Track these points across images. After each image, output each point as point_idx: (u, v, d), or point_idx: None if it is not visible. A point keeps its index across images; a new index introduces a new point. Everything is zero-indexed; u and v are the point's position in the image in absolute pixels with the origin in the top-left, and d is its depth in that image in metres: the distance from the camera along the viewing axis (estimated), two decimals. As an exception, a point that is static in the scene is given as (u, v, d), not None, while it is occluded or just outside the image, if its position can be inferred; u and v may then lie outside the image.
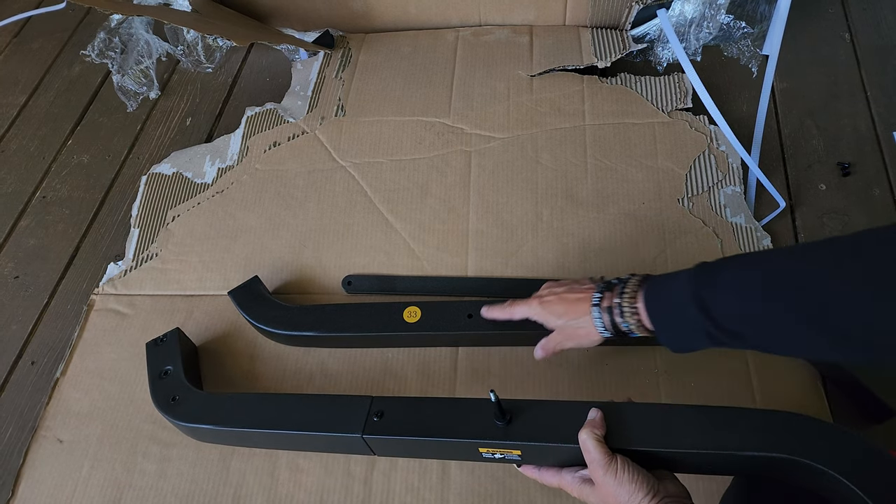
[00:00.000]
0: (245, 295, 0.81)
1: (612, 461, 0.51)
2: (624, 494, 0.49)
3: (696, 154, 0.89)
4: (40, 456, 0.76)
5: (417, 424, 0.60)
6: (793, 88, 0.99)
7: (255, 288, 0.81)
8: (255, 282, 0.82)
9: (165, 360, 0.75)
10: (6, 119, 1.14)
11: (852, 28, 1.05)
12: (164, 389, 0.72)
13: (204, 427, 0.68)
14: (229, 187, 0.96)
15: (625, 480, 0.50)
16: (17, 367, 0.86)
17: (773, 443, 0.49)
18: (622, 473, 0.50)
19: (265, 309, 0.79)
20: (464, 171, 0.92)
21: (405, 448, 0.63)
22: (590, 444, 0.52)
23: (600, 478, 0.51)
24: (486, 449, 0.58)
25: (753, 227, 0.83)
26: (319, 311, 0.77)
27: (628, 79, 0.98)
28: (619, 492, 0.50)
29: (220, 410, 0.68)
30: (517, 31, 1.08)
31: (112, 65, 1.13)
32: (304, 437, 0.65)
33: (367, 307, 0.76)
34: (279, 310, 0.78)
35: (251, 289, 0.81)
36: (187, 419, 0.69)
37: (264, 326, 0.78)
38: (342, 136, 0.99)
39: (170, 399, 0.71)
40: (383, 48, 1.10)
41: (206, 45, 1.16)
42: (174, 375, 0.73)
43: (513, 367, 0.75)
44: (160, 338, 0.78)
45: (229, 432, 0.68)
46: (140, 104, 1.12)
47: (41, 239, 0.98)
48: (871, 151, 0.91)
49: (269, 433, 0.66)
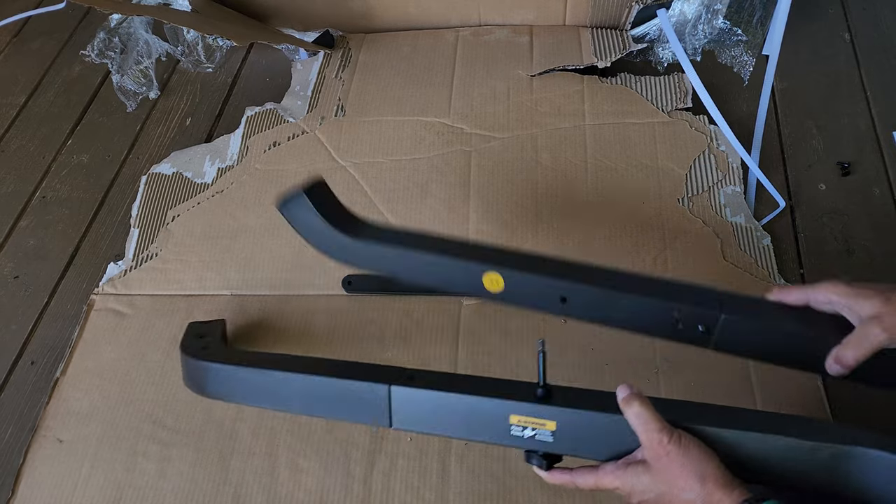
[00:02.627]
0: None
1: (675, 431, 0.44)
2: (693, 468, 0.42)
3: (696, 154, 0.89)
4: (40, 456, 0.76)
5: (447, 385, 0.56)
6: (793, 88, 0.99)
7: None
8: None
9: (204, 335, 0.76)
10: (6, 119, 1.14)
11: (852, 28, 1.05)
12: (195, 345, 0.73)
13: (227, 367, 0.66)
14: (229, 187, 0.96)
15: (692, 451, 0.43)
16: (17, 367, 0.86)
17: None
18: (689, 443, 0.43)
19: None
20: (464, 171, 0.92)
21: (428, 413, 0.57)
22: (645, 413, 0.44)
23: (662, 452, 0.43)
24: (518, 419, 0.52)
25: (753, 227, 0.83)
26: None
27: (628, 79, 0.99)
28: (686, 467, 0.42)
29: (248, 358, 0.67)
30: (517, 30, 1.08)
31: (112, 65, 1.13)
32: (326, 386, 0.60)
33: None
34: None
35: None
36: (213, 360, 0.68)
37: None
38: (342, 136, 0.99)
39: (200, 348, 0.71)
40: (383, 48, 1.10)
41: (206, 44, 1.16)
42: (211, 342, 0.74)
43: (513, 369, 0.75)
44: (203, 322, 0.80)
45: (252, 373, 0.64)
46: (139, 104, 1.12)
47: (41, 239, 0.98)
48: (871, 151, 0.91)
49: (291, 377, 0.61)
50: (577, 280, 0.53)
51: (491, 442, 0.55)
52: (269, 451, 0.73)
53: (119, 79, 1.12)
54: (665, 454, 0.43)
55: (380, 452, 0.71)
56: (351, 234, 0.64)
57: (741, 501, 0.41)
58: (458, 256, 0.57)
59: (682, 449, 0.42)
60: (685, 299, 0.54)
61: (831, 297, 0.51)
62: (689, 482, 0.42)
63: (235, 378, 0.66)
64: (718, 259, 0.80)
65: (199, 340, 0.74)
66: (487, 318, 0.80)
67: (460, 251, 0.59)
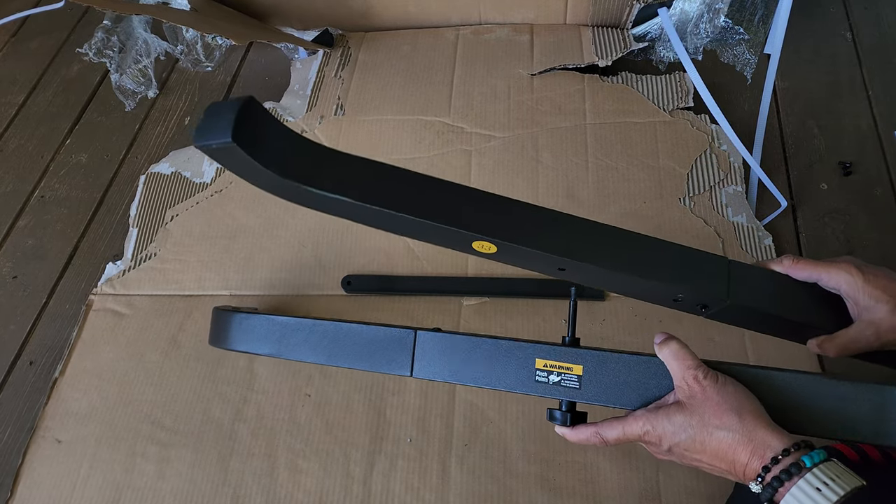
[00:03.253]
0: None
1: (711, 370, 0.42)
2: (731, 403, 0.40)
3: (698, 153, 0.89)
4: (39, 456, 0.76)
5: (476, 333, 0.55)
6: (794, 88, 0.99)
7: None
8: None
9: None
10: (4, 118, 1.13)
11: (853, 27, 1.04)
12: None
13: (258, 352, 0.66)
14: (228, 187, 0.95)
15: (729, 388, 0.40)
16: (16, 368, 0.85)
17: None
18: (727, 381, 0.41)
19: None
20: (464, 171, 0.92)
21: (451, 360, 0.55)
22: (682, 350, 0.42)
23: (698, 389, 0.41)
24: (543, 363, 0.51)
25: (755, 227, 0.82)
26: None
27: (629, 78, 0.98)
28: (723, 404, 0.40)
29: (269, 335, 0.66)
30: (517, 29, 1.08)
31: (110, 64, 1.13)
32: (354, 332, 0.60)
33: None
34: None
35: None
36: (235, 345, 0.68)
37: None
38: (341, 135, 0.98)
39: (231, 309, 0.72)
40: (383, 47, 1.09)
41: (206, 43, 1.15)
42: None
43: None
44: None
45: (280, 322, 0.65)
46: (138, 103, 1.11)
47: (39, 239, 0.98)
48: (873, 150, 0.91)
49: (322, 323, 0.61)
50: (575, 257, 0.49)
51: (515, 390, 0.52)
52: (268, 451, 0.73)
53: (118, 78, 1.11)
54: (701, 390, 0.41)
55: (379, 453, 0.71)
56: (304, 181, 0.45)
57: (792, 445, 0.39)
58: (444, 221, 0.49)
59: (718, 386, 0.40)
60: (691, 283, 0.50)
61: (841, 285, 0.48)
62: (725, 418, 0.40)
63: (263, 327, 0.65)
64: (720, 259, 0.80)
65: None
66: (488, 317, 0.79)
67: (446, 213, 0.49)
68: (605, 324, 0.77)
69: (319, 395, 0.76)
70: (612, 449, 0.68)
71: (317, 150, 0.45)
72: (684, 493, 0.65)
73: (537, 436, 0.70)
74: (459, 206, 0.49)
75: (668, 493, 0.66)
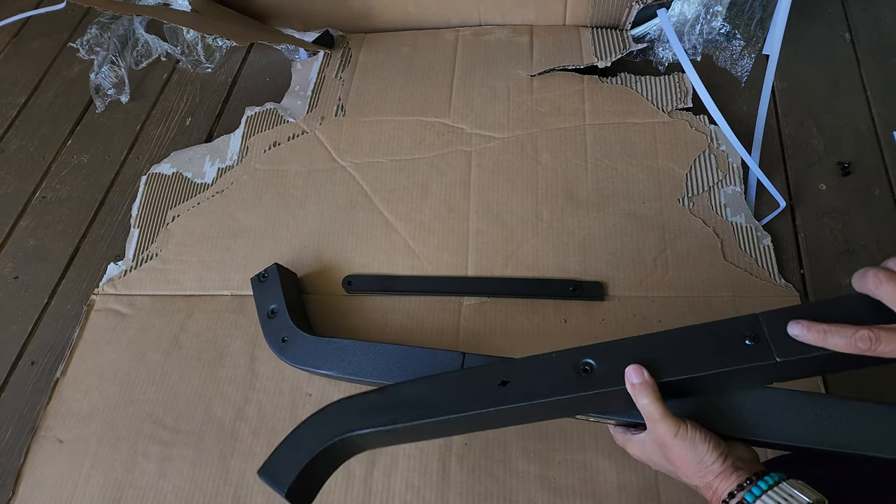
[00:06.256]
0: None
1: (682, 424, 0.48)
2: (694, 457, 0.47)
3: (697, 154, 0.89)
4: (40, 456, 0.76)
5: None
6: (793, 88, 0.99)
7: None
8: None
9: (270, 299, 0.78)
10: (6, 119, 1.14)
11: (852, 28, 1.05)
12: (273, 331, 0.76)
13: (319, 371, 0.71)
14: (229, 187, 0.96)
15: (697, 441, 0.47)
16: (17, 368, 0.86)
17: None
18: (694, 433, 0.47)
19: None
20: (464, 171, 0.92)
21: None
22: (652, 408, 0.48)
23: (669, 442, 0.48)
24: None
25: (754, 227, 0.83)
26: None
27: (628, 78, 0.98)
28: (688, 457, 0.47)
29: (331, 356, 0.71)
30: (517, 30, 1.08)
31: (96, 61, 1.13)
32: (405, 353, 0.66)
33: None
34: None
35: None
36: (298, 362, 0.72)
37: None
38: (342, 135, 0.99)
39: (280, 340, 0.75)
40: (383, 48, 1.10)
41: (206, 44, 1.16)
42: (280, 315, 0.76)
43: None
44: (262, 273, 0.81)
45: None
46: (109, 106, 1.12)
47: (41, 239, 0.98)
48: (872, 151, 0.91)
49: (380, 346, 0.67)
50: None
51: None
52: (269, 451, 0.72)
53: (94, 77, 1.12)
54: (671, 446, 0.48)
55: (381, 451, 0.71)
56: None
57: (736, 486, 0.45)
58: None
59: (686, 442, 0.47)
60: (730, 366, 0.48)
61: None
62: (691, 469, 0.47)
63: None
64: (719, 259, 0.80)
65: (270, 321, 0.77)
66: (488, 317, 0.80)
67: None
68: (604, 324, 0.78)
69: (320, 394, 0.76)
70: (612, 448, 0.68)
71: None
72: (684, 492, 0.65)
73: (537, 435, 0.71)
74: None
75: (668, 493, 0.66)
